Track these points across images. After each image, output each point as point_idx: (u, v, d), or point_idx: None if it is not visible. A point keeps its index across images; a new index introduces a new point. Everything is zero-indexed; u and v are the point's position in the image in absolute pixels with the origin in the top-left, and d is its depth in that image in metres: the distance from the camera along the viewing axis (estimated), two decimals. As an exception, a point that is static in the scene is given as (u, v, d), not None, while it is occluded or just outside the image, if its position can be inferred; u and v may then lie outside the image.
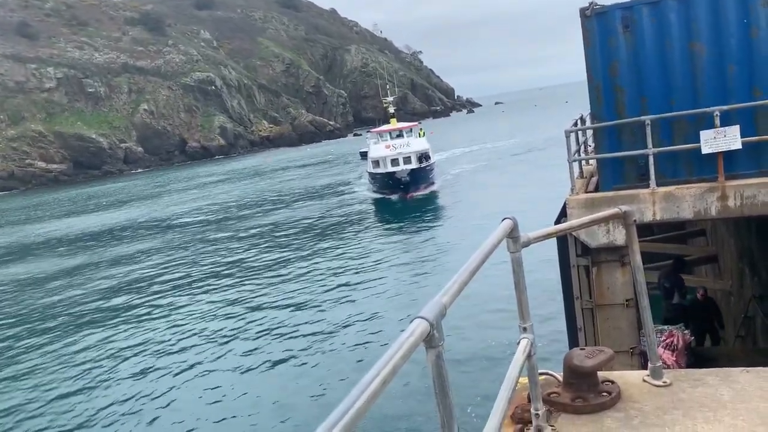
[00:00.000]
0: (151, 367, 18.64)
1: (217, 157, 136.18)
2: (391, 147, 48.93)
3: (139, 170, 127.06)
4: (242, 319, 21.98)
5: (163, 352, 19.82)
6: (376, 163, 49.37)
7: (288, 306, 22.70)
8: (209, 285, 27.56)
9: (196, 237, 40.85)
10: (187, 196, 67.99)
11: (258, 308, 22.92)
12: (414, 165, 47.61)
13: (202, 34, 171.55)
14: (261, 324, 21.09)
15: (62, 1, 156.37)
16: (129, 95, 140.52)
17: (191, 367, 18.24)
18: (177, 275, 30.36)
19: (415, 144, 50.12)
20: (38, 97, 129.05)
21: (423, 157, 49.23)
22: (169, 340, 20.88)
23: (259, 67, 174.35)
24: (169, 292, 27.26)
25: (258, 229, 40.10)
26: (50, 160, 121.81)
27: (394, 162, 48.12)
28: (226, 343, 19.86)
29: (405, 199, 44.84)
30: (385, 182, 47.10)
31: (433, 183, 49.95)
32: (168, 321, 22.99)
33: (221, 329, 21.14)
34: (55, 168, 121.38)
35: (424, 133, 53.89)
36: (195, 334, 21.00)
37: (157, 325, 22.63)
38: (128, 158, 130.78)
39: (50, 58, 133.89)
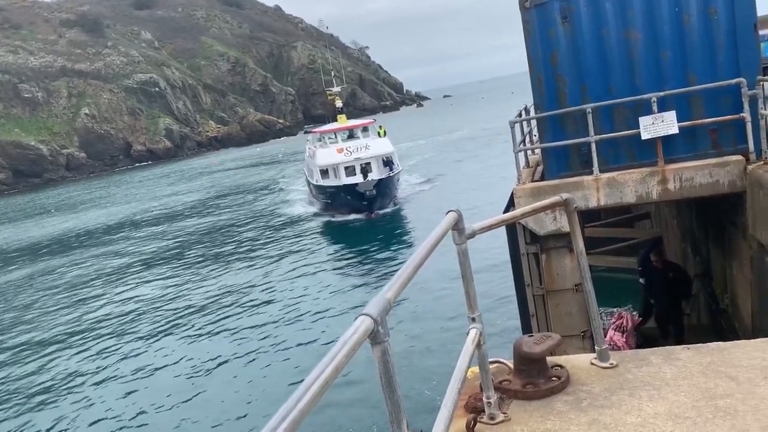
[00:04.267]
0: (93, 374, 18.26)
1: (163, 159, 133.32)
2: (344, 151, 38.51)
3: (83, 176, 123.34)
4: (183, 321, 21.63)
5: (103, 355, 19.57)
6: (325, 172, 38.80)
7: (232, 307, 22.36)
8: (149, 287, 27.19)
9: (137, 244, 39.51)
10: (127, 202, 66.26)
11: (200, 311, 22.47)
12: (378, 174, 37.29)
13: (142, 35, 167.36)
14: (202, 327, 20.76)
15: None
16: (69, 99, 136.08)
17: (136, 369, 17.97)
18: (120, 282, 29.54)
19: (375, 146, 39.52)
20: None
21: (387, 162, 39.14)
22: (109, 344, 20.55)
23: (203, 66, 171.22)
24: (108, 298, 26.58)
25: (199, 238, 38.22)
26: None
27: (350, 171, 37.84)
28: (166, 343, 19.71)
29: (369, 218, 35.42)
30: (342, 198, 36.52)
31: (396, 195, 39.81)
32: (107, 325, 22.55)
33: (162, 331, 20.85)
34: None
35: (385, 132, 42.67)
36: (140, 336, 20.64)
37: (96, 329, 22.13)
38: (70, 164, 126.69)
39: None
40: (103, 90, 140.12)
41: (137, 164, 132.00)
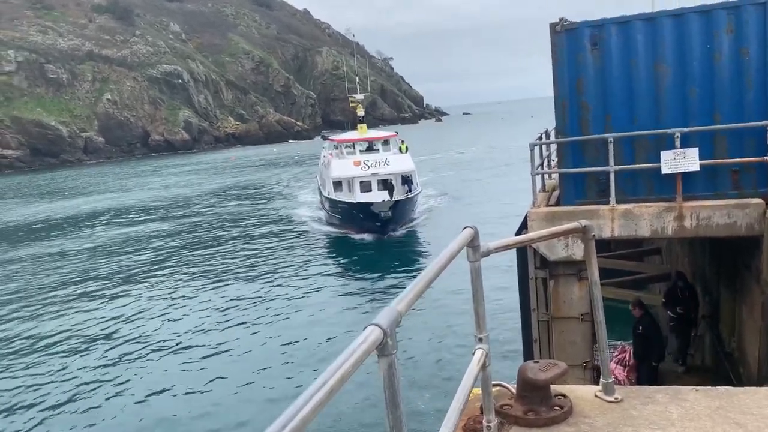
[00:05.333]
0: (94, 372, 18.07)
1: (180, 151, 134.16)
2: (362, 164, 35.51)
3: (99, 161, 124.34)
4: (184, 323, 21.33)
5: (100, 362, 18.82)
6: (338, 184, 36.15)
7: (236, 314, 21.96)
8: (147, 291, 26.36)
9: (140, 242, 38.56)
10: (139, 191, 66.42)
11: (203, 315, 22.08)
12: (396, 194, 34.63)
13: (171, 27, 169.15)
14: (205, 330, 20.44)
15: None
16: (92, 84, 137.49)
17: (135, 379, 17.28)
18: (121, 284, 28.54)
19: (396, 163, 36.22)
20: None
21: (407, 181, 36.25)
22: (107, 352, 19.66)
23: (228, 63, 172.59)
24: (109, 300, 25.78)
25: (206, 240, 37.11)
26: (6, 145, 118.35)
27: (366, 186, 35.18)
28: (170, 351, 19.15)
29: (382, 238, 32.63)
30: (354, 216, 33.44)
31: (414, 218, 36.68)
32: (110, 331, 21.63)
33: (164, 337, 20.30)
34: (11, 154, 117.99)
35: (407, 147, 39.31)
36: (139, 343, 20.04)
37: (97, 332, 21.61)
38: (88, 148, 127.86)
39: (11, 41, 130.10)
40: (127, 77, 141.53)
41: (153, 153, 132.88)
